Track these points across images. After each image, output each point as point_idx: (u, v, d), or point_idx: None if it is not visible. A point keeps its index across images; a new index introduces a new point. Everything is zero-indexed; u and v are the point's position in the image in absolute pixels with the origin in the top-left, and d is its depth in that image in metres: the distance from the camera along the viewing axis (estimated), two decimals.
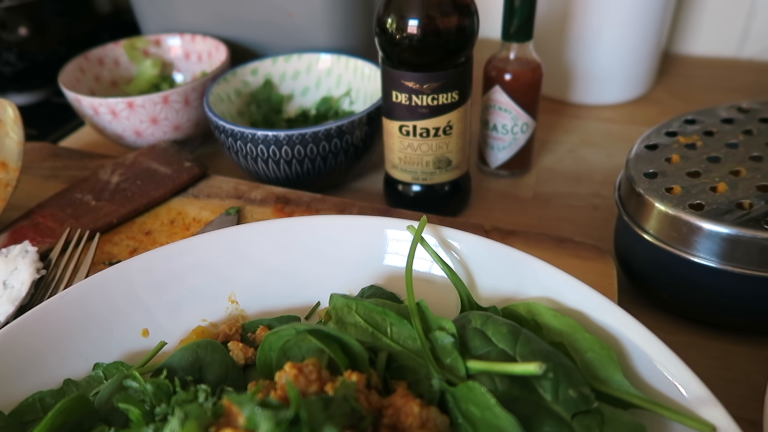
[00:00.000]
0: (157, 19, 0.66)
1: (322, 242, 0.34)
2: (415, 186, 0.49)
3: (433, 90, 0.43)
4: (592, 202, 0.53)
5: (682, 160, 0.40)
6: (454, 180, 0.49)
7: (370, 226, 0.34)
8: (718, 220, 0.35)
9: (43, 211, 0.47)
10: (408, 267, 0.30)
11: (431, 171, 0.47)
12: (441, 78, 0.43)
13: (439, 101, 0.44)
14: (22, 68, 0.73)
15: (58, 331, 0.30)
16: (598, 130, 0.63)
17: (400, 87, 0.44)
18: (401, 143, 0.46)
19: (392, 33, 0.42)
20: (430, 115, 0.44)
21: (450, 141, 0.46)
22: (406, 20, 0.41)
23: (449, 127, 0.45)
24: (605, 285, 0.39)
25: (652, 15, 0.62)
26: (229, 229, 0.34)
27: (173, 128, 0.55)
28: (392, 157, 0.48)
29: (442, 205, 0.50)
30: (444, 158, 0.47)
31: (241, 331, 0.32)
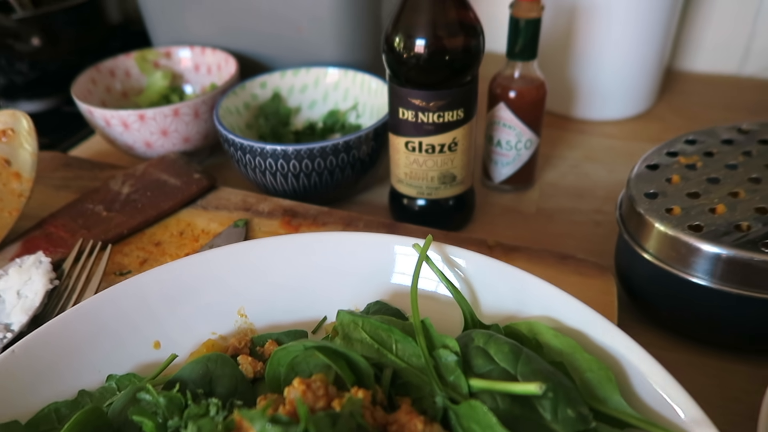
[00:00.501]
0: (168, 31, 0.68)
1: (330, 258, 0.35)
2: (420, 200, 0.50)
3: (438, 108, 0.44)
4: (594, 218, 0.53)
5: (682, 180, 0.41)
6: (459, 195, 0.50)
7: (376, 243, 0.35)
8: (716, 241, 0.35)
9: (55, 222, 0.48)
10: (413, 285, 0.31)
11: (436, 186, 0.48)
12: (447, 96, 0.44)
13: (445, 119, 0.45)
14: (34, 78, 0.74)
15: (71, 343, 0.31)
16: (601, 146, 0.64)
17: (406, 104, 0.45)
18: (407, 158, 0.47)
19: (400, 52, 0.43)
20: (436, 132, 0.45)
21: (455, 157, 0.47)
22: (413, 40, 0.42)
23: (454, 144, 0.46)
24: (605, 302, 0.40)
25: (655, 33, 0.63)
26: (239, 244, 0.35)
27: (183, 140, 0.57)
28: (398, 172, 0.49)
29: (447, 220, 0.51)
30: (449, 174, 0.48)
31: (250, 344, 0.33)
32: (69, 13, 0.74)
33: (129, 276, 0.44)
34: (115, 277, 0.44)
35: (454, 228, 0.52)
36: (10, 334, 0.38)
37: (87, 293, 0.41)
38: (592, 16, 0.61)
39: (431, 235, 0.33)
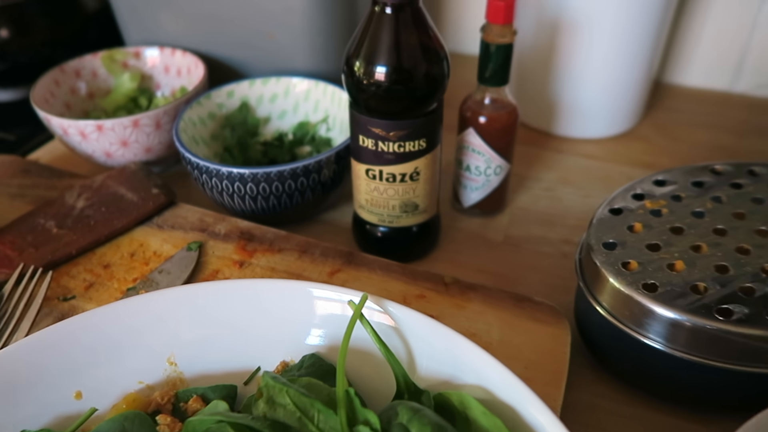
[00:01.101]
0: (140, 31, 0.65)
1: (266, 306, 0.34)
2: (382, 227, 0.48)
3: (399, 138, 0.42)
4: (562, 249, 0.52)
5: (644, 229, 0.39)
6: (422, 223, 0.48)
7: (312, 294, 0.33)
8: (669, 304, 0.34)
9: (3, 238, 0.47)
10: (342, 348, 0.30)
11: (397, 214, 0.47)
12: (408, 126, 0.42)
13: (406, 149, 0.43)
14: (4, 69, 0.73)
15: None
16: (578, 167, 0.62)
17: (366, 132, 0.43)
18: (368, 186, 0.46)
19: (359, 78, 0.41)
20: (397, 161, 0.44)
21: (417, 186, 0.45)
22: (373, 66, 0.40)
23: (416, 173, 0.45)
24: (558, 353, 0.39)
25: (642, 48, 0.61)
26: (171, 289, 0.34)
27: (144, 150, 0.55)
28: (359, 198, 0.47)
29: (408, 247, 0.49)
30: (411, 203, 0.46)
31: (173, 400, 0.32)
32: (41, 3, 0.72)
33: (72, 301, 0.43)
34: (59, 302, 0.43)
35: (417, 255, 0.50)
36: None
37: (24, 322, 0.40)
38: (574, 29, 0.59)
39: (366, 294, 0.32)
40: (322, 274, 0.45)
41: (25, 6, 0.70)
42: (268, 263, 0.46)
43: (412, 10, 0.39)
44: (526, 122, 0.68)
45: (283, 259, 0.46)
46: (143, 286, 0.44)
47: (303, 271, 0.45)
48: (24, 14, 0.70)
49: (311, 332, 0.34)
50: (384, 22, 0.39)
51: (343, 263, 0.46)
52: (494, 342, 0.40)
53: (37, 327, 0.41)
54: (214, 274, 0.45)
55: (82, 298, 0.43)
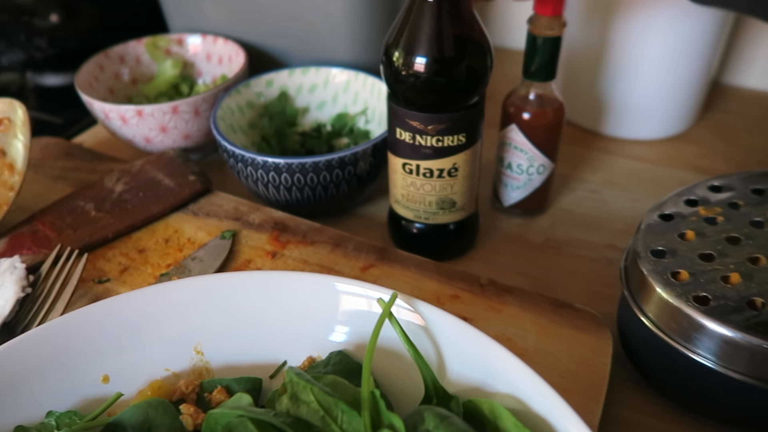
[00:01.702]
0: (183, 18, 0.66)
1: (294, 300, 0.33)
2: (418, 224, 0.47)
3: (437, 132, 0.41)
4: (607, 255, 0.49)
5: (697, 237, 0.37)
6: (459, 221, 0.47)
7: (341, 290, 0.32)
8: (722, 319, 0.32)
9: (44, 218, 0.48)
10: (369, 348, 0.29)
11: (434, 211, 0.45)
12: (447, 120, 0.40)
13: (444, 143, 0.41)
14: (53, 54, 0.74)
15: (15, 374, 0.30)
16: (627, 170, 0.59)
17: (404, 125, 0.42)
18: (404, 180, 0.44)
19: (398, 68, 0.39)
20: (435, 156, 0.42)
21: (455, 183, 0.44)
22: (413, 57, 0.39)
23: (454, 169, 0.43)
24: (597, 364, 0.37)
25: (702, 46, 0.58)
26: (199, 278, 0.33)
27: (183, 137, 0.55)
28: (395, 192, 0.46)
29: (445, 246, 0.48)
30: (448, 199, 0.45)
31: (198, 390, 0.31)
32: None
33: (107, 284, 0.43)
34: (93, 284, 0.43)
35: (453, 254, 0.49)
36: None
37: (59, 303, 0.40)
38: (629, 24, 0.56)
39: (396, 292, 0.31)
40: (354, 269, 0.44)
41: None
42: (300, 255, 0.45)
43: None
44: (573, 120, 0.65)
45: (316, 251, 0.45)
46: (176, 272, 0.43)
47: (335, 264, 0.44)
48: (73, 0, 0.72)
49: (339, 328, 0.33)
50: (425, 12, 0.38)
51: (377, 259, 0.45)
52: (530, 349, 0.38)
53: (72, 308, 0.41)
54: (246, 263, 0.44)
55: (116, 281, 0.43)
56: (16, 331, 0.39)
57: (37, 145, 0.57)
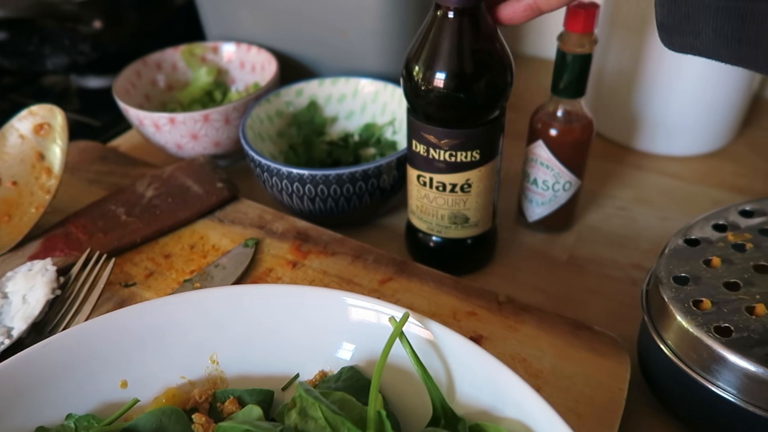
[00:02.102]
0: (219, 26, 0.67)
1: (308, 314, 0.33)
2: (434, 236, 0.47)
3: (450, 147, 0.41)
4: (632, 275, 0.48)
5: (723, 264, 0.36)
6: (475, 236, 0.46)
7: (355, 306, 0.33)
8: (744, 352, 0.31)
9: (77, 221, 0.49)
10: (378, 366, 0.29)
11: (446, 225, 0.45)
12: (460, 136, 0.40)
13: (457, 159, 0.41)
14: (96, 58, 0.76)
15: (39, 377, 0.31)
16: (658, 187, 0.58)
17: (419, 137, 0.42)
18: (418, 192, 0.44)
19: (417, 82, 0.39)
20: (447, 170, 0.42)
21: (468, 198, 0.43)
22: (432, 72, 0.38)
23: (467, 185, 0.43)
24: (613, 389, 0.36)
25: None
26: (217, 289, 0.34)
27: (213, 144, 0.56)
28: (411, 203, 0.47)
29: (459, 260, 0.48)
30: (460, 215, 0.44)
31: (211, 399, 0.32)
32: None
33: (133, 288, 0.45)
34: (120, 287, 0.45)
35: (467, 269, 0.49)
36: (8, 341, 0.39)
37: (86, 305, 0.41)
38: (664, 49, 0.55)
39: (409, 311, 0.31)
40: (372, 282, 0.44)
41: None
42: (320, 266, 0.45)
43: (474, 15, 0.37)
44: (604, 134, 0.64)
45: (336, 262, 0.46)
46: (199, 279, 0.44)
47: (354, 276, 0.44)
48: (116, 6, 0.74)
49: (351, 344, 0.33)
50: (445, 27, 0.37)
51: (396, 272, 0.45)
52: (545, 370, 0.38)
53: (98, 310, 0.43)
54: (267, 272, 0.45)
55: (141, 286, 0.45)
56: (44, 332, 0.40)
57: (75, 148, 0.59)
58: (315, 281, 0.44)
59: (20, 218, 0.49)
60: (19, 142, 0.52)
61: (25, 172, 0.51)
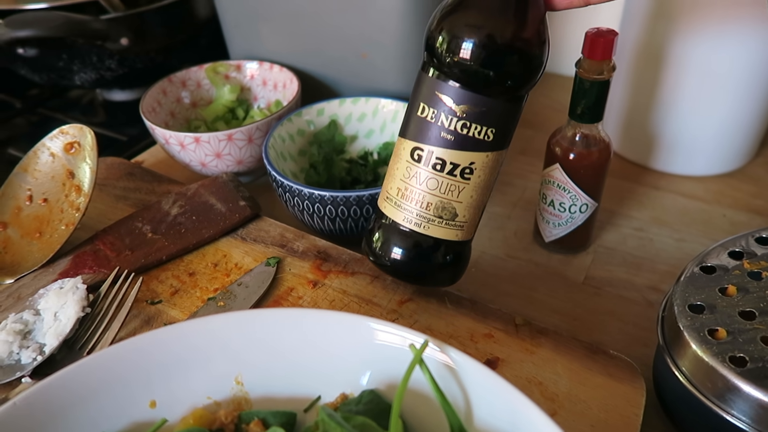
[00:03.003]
0: (243, 45, 0.68)
1: (330, 337, 0.34)
2: (402, 229, 0.40)
3: (467, 115, 0.36)
4: (648, 297, 0.49)
5: (739, 293, 0.36)
6: (452, 243, 0.40)
7: (375, 331, 0.34)
8: (759, 383, 0.31)
9: (105, 238, 0.51)
10: (399, 393, 0.30)
11: (429, 217, 0.39)
12: (481, 104, 0.36)
13: (469, 131, 0.37)
14: (122, 74, 0.78)
15: (71, 397, 0.32)
16: (675, 207, 0.58)
17: (430, 99, 0.37)
18: (407, 171, 0.39)
19: (448, 30, 0.35)
20: (453, 145, 0.37)
21: (464, 188, 0.38)
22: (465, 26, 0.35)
23: (469, 170, 0.38)
24: (629, 415, 0.37)
25: (763, 78, 0.56)
26: (245, 312, 0.35)
27: (236, 162, 0.58)
28: (390, 186, 0.40)
29: (423, 269, 0.41)
30: (450, 207, 0.39)
31: (236, 420, 0.33)
32: (159, 13, 0.77)
33: (159, 305, 0.46)
34: (146, 305, 0.46)
35: (431, 282, 0.43)
36: (41, 357, 0.41)
37: (115, 322, 0.43)
38: (684, 61, 0.55)
39: (429, 338, 0.32)
40: (391, 302, 0.45)
41: (144, 15, 0.76)
42: (340, 285, 0.46)
43: None
44: (621, 154, 0.64)
45: (356, 282, 0.47)
46: (222, 297, 0.46)
47: (373, 297, 0.45)
48: (143, 24, 0.76)
49: (371, 368, 0.34)
50: None
51: (414, 293, 0.46)
52: (561, 394, 0.38)
53: (126, 327, 0.44)
54: (288, 291, 0.46)
55: (167, 303, 0.46)
56: (75, 348, 0.42)
57: (102, 164, 0.61)
58: (335, 301, 0.45)
59: (51, 235, 0.51)
60: (51, 160, 0.54)
61: (55, 189, 0.53)
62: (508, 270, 0.52)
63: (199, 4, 0.80)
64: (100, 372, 0.33)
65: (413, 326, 0.43)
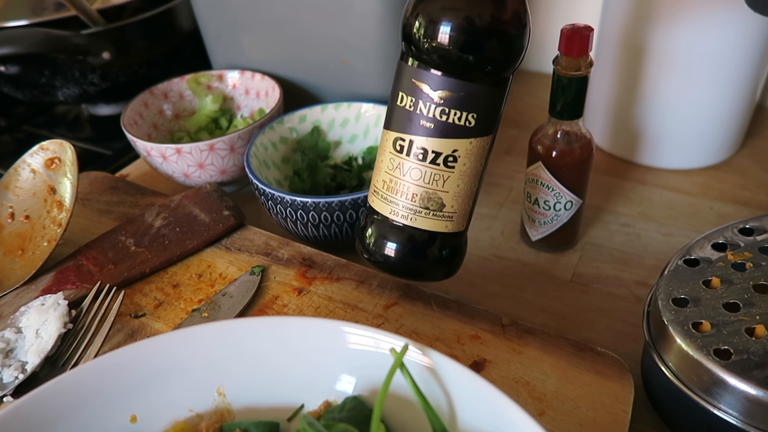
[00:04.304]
0: (225, 55, 0.68)
1: (310, 344, 0.34)
2: (394, 224, 0.39)
3: (445, 101, 0.35)
4: (636, 292, 0.49)
5: (723, 284, 0.36)
6: (443, 235, 0.39)
7: (356, 337, 0.33)
8: (744, 375, 0.31)
9: (88, 252, 0.51)
10: (379, 398, 0.29)
11: (416, 208, 0.38)
12: (459, 89, 0.35)
13: (449, 118, 0.35)
14: (106, 88, 0.78)
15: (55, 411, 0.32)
16: (662, 202, 0.58)
17: (408, 87, 0.36)
18: (391, 162, 0.38)
19: (420, 20, 0.35)
20: (434, 133, 0.36)
21: (449, 177, 0.37)
22: (439, 10, 0.34)
23: (452, 158, 0.36)
24: (617, 412, 0.36)
25: (745, 69, 0.56)
26: (225, 322, 0.35)
27: (219, 172, 0.57)
28: (376, 180, 0.40)
29: (415, 263, 0.40)
30: (436, 197, 0.37)
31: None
32: (140, 26, 0.77)
33: (143, 318, 0.46)
34: (130, 318, 0.46)
35: (425, 276, 0.41)
36: (23, 376, 0.40)
37: (98, 337, 0.42)
38: (665, 54, 0.55)
39: (409, 342, 0.31)
40: (377, 307, 0.45)
41: (126, 29, 0.76)
42: (325, 292, 0.46)
43: None
44: (606, 149, 0.64)
45: (341, 288, 0.46)
46: (206, 308, 0.45)
47: (359, 302, 0.45)
48: (124, 37, 0.76)
49: (353, 374, 0.34)
50: None
51: (400, 296, 0.45)
52: (549, 394, 0.38)
53: (109, 342, 0.44)
54: (273, 300, 0.46)
55: (151, 316, 0.46)
56: (58, 365, 0.41)
57: (86, 179, 0.61)
58: (320, 308, 0.45)
59: (33, 252, 0.50)
60: (31, 176, 0.53)
61: (37, 206, 0.53)
62: (496, 270, 0.52)
63: (180, 16, 0.80)
64: (78, 387, 0.33)
65: (399, 330, 0.43)
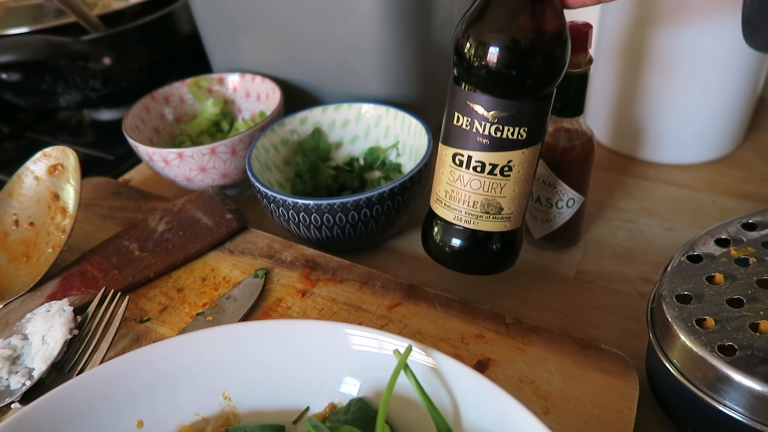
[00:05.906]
0: (225, 58, 0.68)
1: (315, 347, 0.34)
2: (457, 227, 0.42)
3: (498, 120, 0.38)
4: (640, 289, 0.48)
5: (726, 280, 0.36)
6: (502, 232, 0.42)
7: (360, 338, 0.33)
8: (748, 371, 0.31)
9: (93, 258, 0.51)
10: (384, 399, 0.29)
11: (477, 213, 0.41)
12: (510, 108, 0.37)
13: (503, 134, 0.38)
14: (106, 93, 0.78)
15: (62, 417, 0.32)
16: (665, 197, 0.58)
17: (463, 108, 0.39)
18: (451, 174, 0.41)
19: (471, 45, 0.37)
20: (490, 148, 0.39)
21: (506, 184, 0.40)
22: (489, 35, 0.36)
23: (508, 168, 0.39)
24: (622, 409, 0.36)
25: (748, 62, 0.55)
26: (229, 326, 0.35)
27: (221, 176, 0.57)
28: (438, 189, 0.43)
29: (484, 258, 0.43)
30: (494, 203, 0.40)
31: None
32: (140, 31, 0.77)
33: (147, 323, 0.46)
34: (135, 323, 0.46)
35: (489, 270, 0.45)
36: (29, 382, 0.40)
37: (103, 343, 0.42)
38: (667, 51, 0.55)
39: (413, 343, 0.31)
40: (381, 307, 0.45)
41: (126, 34, 0.76)
42: (329, 293, 0.46)
43: None
44: (608, 145, 0.64)
45: (344, 289, 0.46)
46: (211, 312, 0.45)
47: (362, 303, 0.45)
48: (124, 42, 0.76)
49: (358, 375, 0.34)
50: None
51: (403, 297, 0.45)
52: (553, 392, 0.38)
53: (115, 347, 0.44)
54: (278, 302, 0.46)
55: (156, 321, 0.46)
56: (64, 371, 0.42)
57: (89, 184, 0.61)
58: (324, 310, 0.45)
59: (38, 258, 0.51)
60: (35, 183, 0.54)
61: (41, 212, 0.53)
62: None
63: (179, 20, 0.80)
64: (85, 393, 0.33)
65: (403, 331, 0.43)
